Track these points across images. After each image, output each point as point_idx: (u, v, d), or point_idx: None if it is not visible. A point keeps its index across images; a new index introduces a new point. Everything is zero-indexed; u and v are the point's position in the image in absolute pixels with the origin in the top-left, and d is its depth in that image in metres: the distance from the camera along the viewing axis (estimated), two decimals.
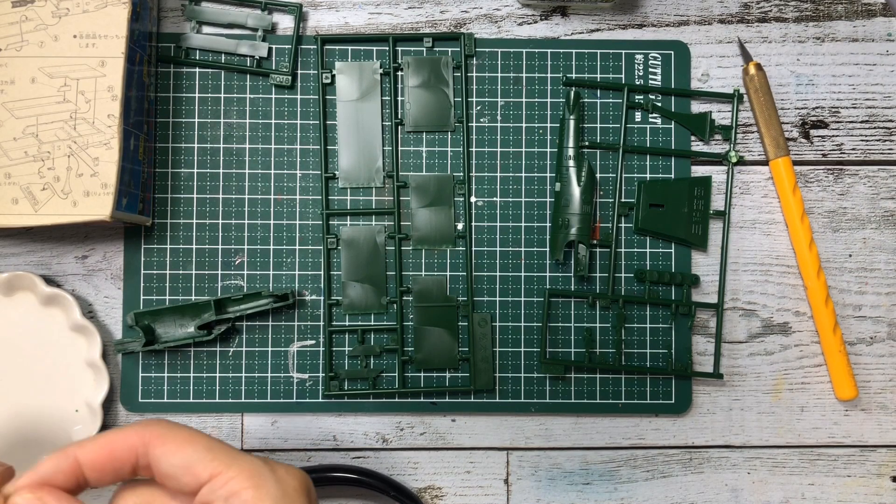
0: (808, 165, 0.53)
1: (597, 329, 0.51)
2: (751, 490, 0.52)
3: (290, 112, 0.51)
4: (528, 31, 0.52)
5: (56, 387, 0.50)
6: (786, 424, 0.52)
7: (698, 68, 0.53)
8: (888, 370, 0.52)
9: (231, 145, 0.51)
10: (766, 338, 0.52)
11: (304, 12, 0.52)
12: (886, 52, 0.53)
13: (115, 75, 0.45)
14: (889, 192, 0.52)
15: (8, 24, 0.45)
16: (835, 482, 0.52)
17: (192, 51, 0.51)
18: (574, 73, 0.52)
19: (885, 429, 0.52)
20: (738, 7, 0.53)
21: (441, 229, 0.51)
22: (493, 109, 0.52)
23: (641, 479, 0.52)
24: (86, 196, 0.44)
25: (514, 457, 0.52)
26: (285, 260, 0.51)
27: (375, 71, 0.51)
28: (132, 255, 0.51)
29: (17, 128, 0.44)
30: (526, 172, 0.52)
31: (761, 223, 0.52)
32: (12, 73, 0.45)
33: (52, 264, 0.51)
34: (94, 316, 0.51)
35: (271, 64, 0.51)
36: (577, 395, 0.51)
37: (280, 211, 0.51)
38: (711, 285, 0.52)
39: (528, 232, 0.52)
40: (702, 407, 0.52)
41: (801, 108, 0.53)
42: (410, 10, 0.52)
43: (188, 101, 0.51)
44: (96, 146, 0.45)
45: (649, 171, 0.52)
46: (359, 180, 0.51)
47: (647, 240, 0.52)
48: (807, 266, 0.51)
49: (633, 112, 0.52)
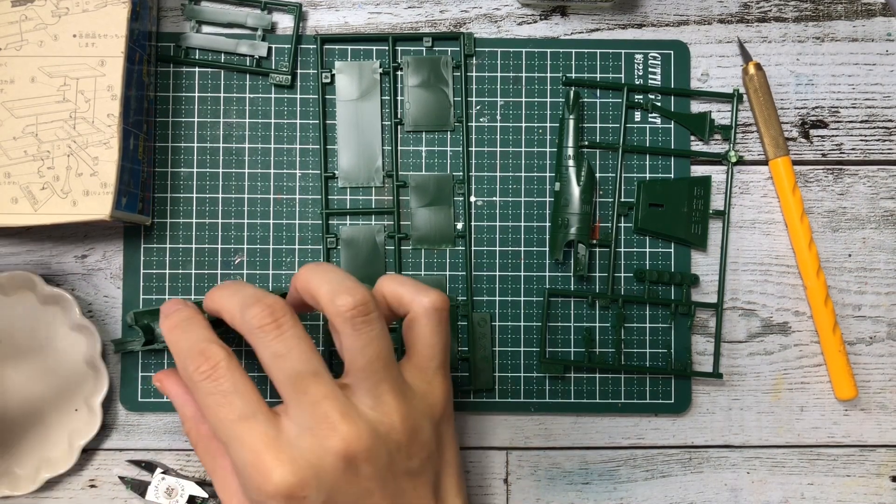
0: (807, 165, 0.53)
1: (596, 329, 0.51)
2: (750, 490, 0.52)
3: (289, 112, 0.51)
4: (527, 30, 0.52)
5: (55, 386, 0.50)
6: (785, 424, 0.52)
7: (698, 68, 0.53)
8: (888, 370, 0.52)
9: (231, 145, 0.51)
10: (765, 337, 0.52)
11: (304, 12, 0.52)
12: (886, 52, 0.53)
13: (114, 75, 0.45)
14: (889, 191, 0.53)
15: (7, 23, 0.45)
16: (834, 482, 0.52)
17: (191, 50, 0.51)
18: (574, 73, 0.52)
19: (884, 429, 0.52)
20: (737, 7, 0.53)
21: (441, 229, 0.51)
22: (492, 109, 0.52)
23: (641, 479, 0.52)
24: (85, 195, 0.44)
25: (513, 456, 0.52)
26: (285, 259, 0.51)
27: (375, 71, 0.51)
28: (132, 255, 0.51)
29: (17, 127, 0.44)
30: (525, 172, 0.52)
31: (761, 223, 0.52)
32: (12, 72, 0.45)
33: (51, 264, 0.51)
34: (93, 315, 0.51)
35: (271, 63, 0.51)
36: (577, 395, 0.51)
37: (280, 210, 0.51)
38: (711, 285, 0.52)
39: (527, 231, 0.52)
40: (701, 407, 0.52)
41: (801, 108, 0.53)
42: (410, 10, 0.52)
43: (188, 101, 0.51)
44: (96, 145, 0.45)
45: (649, 170, 0.52)
46: (358, 180, 0.51)
47: (646, 239, 0.52)
48: (806, 266, 0.51)
49: (633, 112, 0.52)
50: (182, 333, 0.40)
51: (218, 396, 0.37)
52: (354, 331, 0.38)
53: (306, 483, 0.36)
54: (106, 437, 0.50)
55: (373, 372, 0.38)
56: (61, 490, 0.50)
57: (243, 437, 0.37)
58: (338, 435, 0.36)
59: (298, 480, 0.36)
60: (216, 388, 0.38)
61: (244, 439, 0.37)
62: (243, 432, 0.37)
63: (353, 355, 0.38)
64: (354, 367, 0.38)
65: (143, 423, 0.51)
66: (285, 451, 0.36)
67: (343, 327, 0.38)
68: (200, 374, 0.38)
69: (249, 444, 0.37)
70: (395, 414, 0.38)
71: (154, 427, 0.51)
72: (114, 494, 0.50)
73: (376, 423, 0.38)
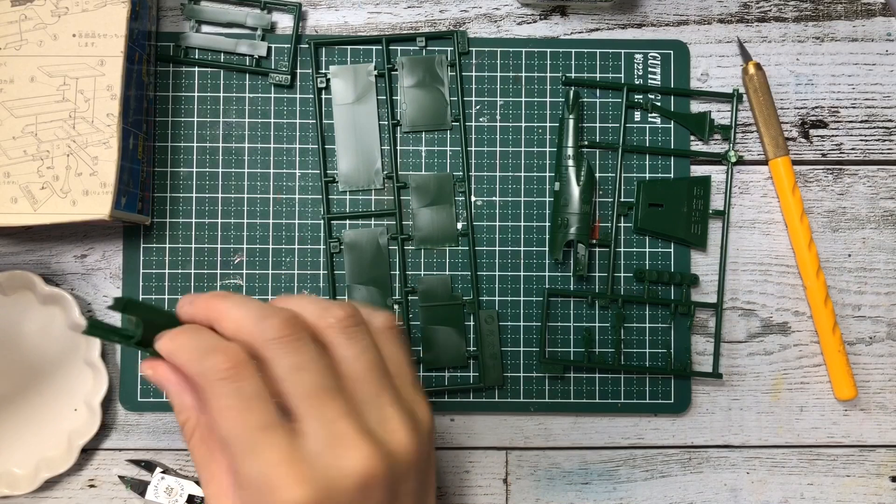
0: (807, 165, 0.53)
1: (596, 329, 0.51)
2: (750, 490, 0.52)
3: (289, 111, 0.51)
4: (527, 30, 0.52)
5: (55, 386, 0.50)
6: (785, 424, 0.52)
7: (698, 68, 0.53)
8: (887, 370, 0.52)
9: (230, 144, 0.51)
10: (765, 337, 0.52)
11: (304, 11, 0.52)
12: (886, 52, 0.53)
13: (114, 74, 0.45)
14: (888, 191, 0.53)
15: (7, 22, 0.45)
16: (834, 482, 0.52)
17: (191, 50, 0.51)
18: (573, 73, 0.52)
19: (884, 429, 0.52)
20: (737, 7, 0.53)
21: (443, 228, 0.51)
22: (492, 109, 0.52)
23: (640, 479, 0.52)
24: (85, 195, 0.44)
25: (513, 456, 0.52)
26: (285, 259, 0.51)
27: (370, 73, 0.51)
28: (131, 255, 0.51)
29: (17, 127, 0.44)
30: (525, 172, 0.52)
31: (760, 223, 0.52)
32: (11, 72, 0.45)
33: (51, 263, 0.51)
34: (93, 315, 0.51)
35: (270, 63, 0.51)
36: (577, 395, 0.51)
37: (279, 210, 0.51)
38: (711, 285, 0.52)
39: (527, 231, 0.52)
40: (701, 407, 0.52)
41: (801, 108, 0.53)
42: (410, 10, 0.52)
43: (187, 101, 0.51)
44: (95, 145, 0.45)
45: (648, 170, 0.52)
46: (358, 183, 0.51)
47: (646, 239, 0.52)
48: (806, 266, 0.51)
49: (633, 111, 0.52)
50: (187, 334, 0.38)
51: (238, 400, 0.35)
52: (349, 339, 0.37)
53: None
54: (105, 436, 0.50)
55: (372, 380, 0.38)
56: (61, 490, 0.50)
57: (262, 448, 0.35)
58: (356, 456, 0.35)
59: (312, 502, 0.35)
60: (237, 390, 0.35)
61: (262, 451, 0.35)
62: (262, 443, 0.35)
63: (349, 364, 0.38)
64: (351, 379, 0.37)
65: (142, 422, 0.51)
66: (302, 468, 0.35)
67: (337, 338, 0.37)
68: (219, 371, 0.35)
69: (267, 456, 0.35)
70: (400, 431, 0.38)
71: (153, 427, 0.51)
72: (113, 494, 0.50)
73: (387, 442, 0.37)
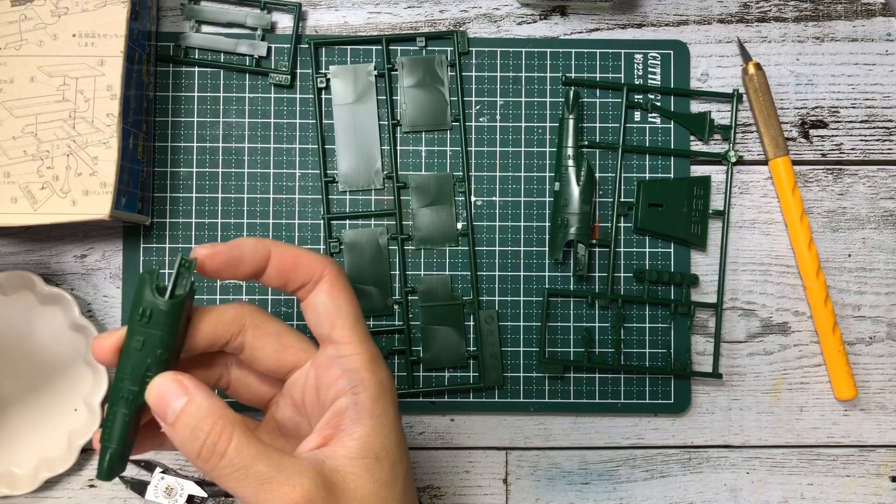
0: (807, 165, 0.53)
1: (596, 329, 0.51)
2: (750, 490, 0.52)
3: (289, 111, 0.51)
4: (527, 30, 0.52)
5: (55, 386, 0.50)
6: (785, 424, 0.52)
7: (698, 68, 0.53)
8: (887, 370, 0.52)
9: (230, 144, 0.51)
10: (765, 338, 0.52)
11: (304, 11, 0.52)
12: (886, 52, 0.53)
13: (114, 74, 0.45)
14: (888, 191, 0.53)
15: (7, 22, 0.45)
16: (834, 482, 0.52)
17: (191, 50, 0.51)
18: (573, 73, 0.52)
19: (884, 429, 0.52)
20: (737, 7, 0.53)
21: (443, 228, 0.51)
22: (492, 109, 0.52)
23: (640, 479, 0.52)
24: (85, 195, 0.44)
25: (513, 456, 0.52)
26: None
27: (370, 73, 0.51)
28: (131, 255, 0.51)
29: (17, 127, 0.44)
30: (525, 172, 0.52)
31: (760, 223, 0.52)
32: (11, 71, 0.45)
33: (50, 263, 0.51)
34: (93, 315, 0.51)
35: (270, 63, 0.51)
36: (577, 395, 0.51)
37: (280, 210, 0.51)
38: (710, 285, 0.52)
39: (527, 231, 0.52)
40: (701, 407, 0.52)
41: (801, 108, 0.53)
42: (409, 10, 0.52)
43: (187, 101, 0.51)
44: (95, 145, 0.45)
45: (648, 170, 0.52)
46: (358, 183, 0.51)
47: (646, 239, 0.52)
48: (806, 266, 0.51)
49: (633, 111, 0.52)
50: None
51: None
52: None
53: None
54: None
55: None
56: (60, 490, 0.50)
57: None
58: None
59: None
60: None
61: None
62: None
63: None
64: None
65: None
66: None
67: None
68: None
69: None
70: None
71: None
72: (113, 494, 0.50)
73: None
